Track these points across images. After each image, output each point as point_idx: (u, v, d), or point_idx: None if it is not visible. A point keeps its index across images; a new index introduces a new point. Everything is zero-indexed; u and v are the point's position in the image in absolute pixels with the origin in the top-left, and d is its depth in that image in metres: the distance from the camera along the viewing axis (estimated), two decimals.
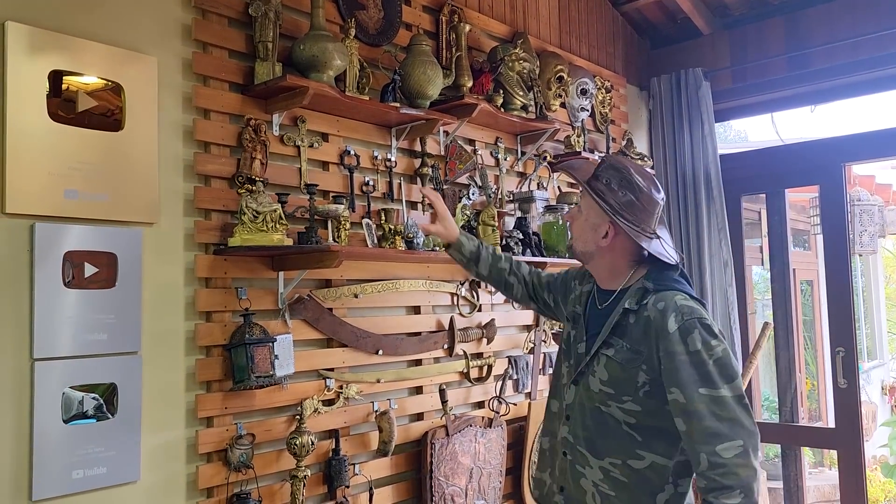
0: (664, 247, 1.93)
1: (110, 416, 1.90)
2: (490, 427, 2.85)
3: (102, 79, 1.94)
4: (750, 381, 3.79)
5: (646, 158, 3.75)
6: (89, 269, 1.89)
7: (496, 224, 2.75)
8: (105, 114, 1.96)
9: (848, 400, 3.64)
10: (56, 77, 1.86)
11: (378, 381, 2.53)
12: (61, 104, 1.88)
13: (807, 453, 6.01)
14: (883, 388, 7.89)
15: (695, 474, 1.78)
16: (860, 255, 6.84)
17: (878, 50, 3.51)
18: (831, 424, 3.84)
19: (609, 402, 1.87)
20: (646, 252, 1.90)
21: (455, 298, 2.87)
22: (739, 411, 1.73)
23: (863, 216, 6.11)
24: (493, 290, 3.00)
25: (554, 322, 3.27)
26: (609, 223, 1.92)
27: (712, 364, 1.74)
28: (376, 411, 2.50)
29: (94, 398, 1.89)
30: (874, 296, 8.46)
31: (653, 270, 1.92)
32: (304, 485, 2.18)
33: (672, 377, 1.77)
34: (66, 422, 1.82)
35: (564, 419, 1.98)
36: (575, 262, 3.06)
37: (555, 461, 2.00)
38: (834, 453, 3.89)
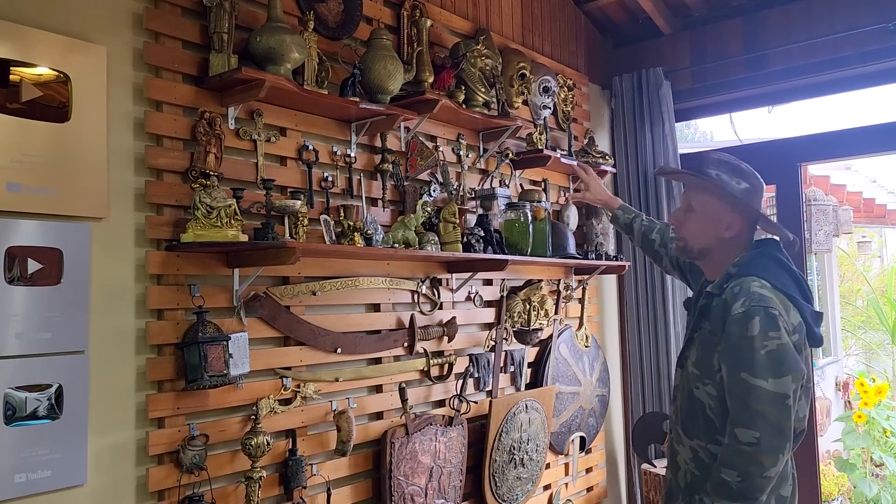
0: (779, 226, 2.09)
1: (55, 418, 1.84)
2: (451, 426, 2.83)
3: (48, 68, 1.87)
4: None
5: (607, 157, 3.76)
6: (33, 266, 1.82)
7: (457, 221, 2.73)
8: (51, 104, 1.89)
9: None
10: None
11: (336, 380, 2.50)
12: (4, 94, 1.80)
13: None
14: (837, 384, 8.07)
15: None
16: (815, 254, 6.98)
17: (833, 52, 3.58)
18: None
19: (697, 383, 1.98)
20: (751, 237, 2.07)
21: (416, 296, 2.84)
22: (771, 408, 1.77)
23: (819, 216, 6.23)
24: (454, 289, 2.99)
25: (515, 320, 3.27)
26: (733, 212, 2.04)
27: (763, 354, 1.79)
28: (335, 410, 2.46)
29: (38, 399, 1.82)
30: (829, 294, 8.65)
31: (745, 256, 2.02)
32: (260, 486, 2.13)
33: (723, 356, 1.88)
34: (7, 423, 1.75)
35: (672, 399, 2.17)
36: (536, 260, 3.07)
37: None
38: None
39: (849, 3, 3.54)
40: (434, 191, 2.90)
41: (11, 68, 1.81)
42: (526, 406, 3.16)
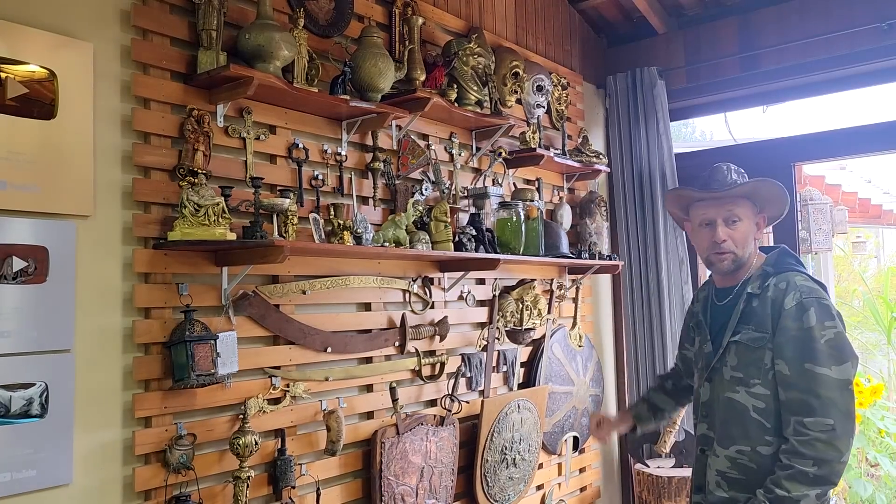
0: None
1: (41, 417, 1.82)
2: (442, 425, 2.82)
3: (34, 65, 1.86)
4: None
5: (601, 156, 3.75)
6: (18, 264, 1.81)
7: (448, 220, 2.72)
8: (37, 101, 1.87)
9: None
10: None
11: (326, 380, 2.48)
12: None
13: None
14: None
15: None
16: (816, 254, 6.96)
17: (827, 52, 3.57)
18: None
19: (738, 387, 1.97)
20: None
21: (407, 295, 2.83)
22: (839, 394, 1.82)
23: (816, 215, 6.20)
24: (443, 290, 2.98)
25: (508, 319, 3.26)
26: (760, 213, 2.11)
27: (823, 343, 1.85)
28: (324, 410, 2.45)
29: (23, 397, 1.80)
30: None
31: (772, 256, 2.07)
32: (248, 486, 2.12)
33: (781, 350, 1.89)
34: None
35: (702, 417, 2.12)
36: (531, 260, 3.05)
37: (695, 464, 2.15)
38: None
39: (842, 2, 3.53)
40: (426, 189, 2.88)
41: None
42: (518, 406, 3.15)
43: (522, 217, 3.05)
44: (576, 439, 3.71)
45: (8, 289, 1.78)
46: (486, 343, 3.15)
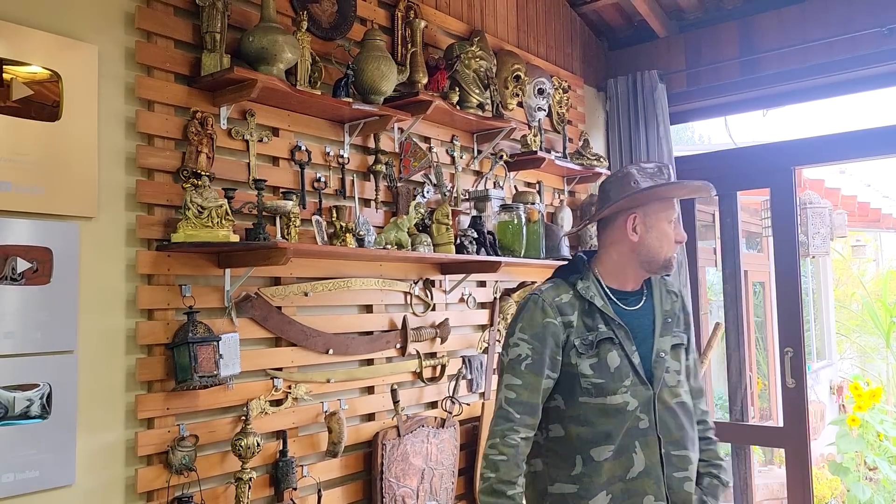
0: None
1: (44, 418, 1.83)
2: (443, 427, 2.83)
3: (39, 67, 1.86)
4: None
5: (602, 159, 3.76)
6: (22, 265, 1.81)
7: (450, 223, 2.73)
8: (42, 103, 1.88)
9: (795, 399, 3.70)
10: None
11: (328, 381, 2.49)
12: None
13: (756, 452, 6.11)
14: (831, 388, 8.08)
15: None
16: (813, 257, 6.99)
17: (827, 56, 3.58)
18: (780, 423, 3.91)
19: (681, 389, 1.92)
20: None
21: (408, 297, 2.83)
22: None
23: (815, 219, 6.23)
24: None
25: (509, 322, 3.26)
26: None
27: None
28: (326, 412, 2.46)
29: (27, 398, 1.81)
30: (824, 297, 8.66)
31: None
32: (250, 487, 2.12)
33: (691, 343, 2.01)
34: None
35: (655, 437, 1.81)
36: (538, 264, 3.06)
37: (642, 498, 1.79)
38: (782, 451, 3.96)
39: (843, 7, 3.55)
40: (427, 192, 2.89)
41: (3, 67, 1.81)
42: None
43: (523, 220, 3.06)
44: None
45: (11, 290, 1.79)
46: (486, 345, 3.16)
